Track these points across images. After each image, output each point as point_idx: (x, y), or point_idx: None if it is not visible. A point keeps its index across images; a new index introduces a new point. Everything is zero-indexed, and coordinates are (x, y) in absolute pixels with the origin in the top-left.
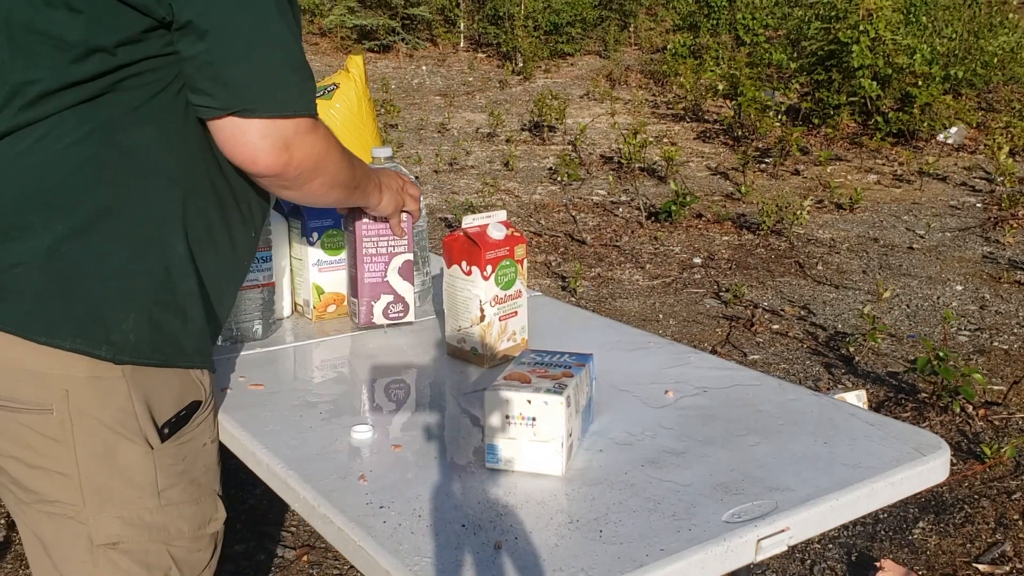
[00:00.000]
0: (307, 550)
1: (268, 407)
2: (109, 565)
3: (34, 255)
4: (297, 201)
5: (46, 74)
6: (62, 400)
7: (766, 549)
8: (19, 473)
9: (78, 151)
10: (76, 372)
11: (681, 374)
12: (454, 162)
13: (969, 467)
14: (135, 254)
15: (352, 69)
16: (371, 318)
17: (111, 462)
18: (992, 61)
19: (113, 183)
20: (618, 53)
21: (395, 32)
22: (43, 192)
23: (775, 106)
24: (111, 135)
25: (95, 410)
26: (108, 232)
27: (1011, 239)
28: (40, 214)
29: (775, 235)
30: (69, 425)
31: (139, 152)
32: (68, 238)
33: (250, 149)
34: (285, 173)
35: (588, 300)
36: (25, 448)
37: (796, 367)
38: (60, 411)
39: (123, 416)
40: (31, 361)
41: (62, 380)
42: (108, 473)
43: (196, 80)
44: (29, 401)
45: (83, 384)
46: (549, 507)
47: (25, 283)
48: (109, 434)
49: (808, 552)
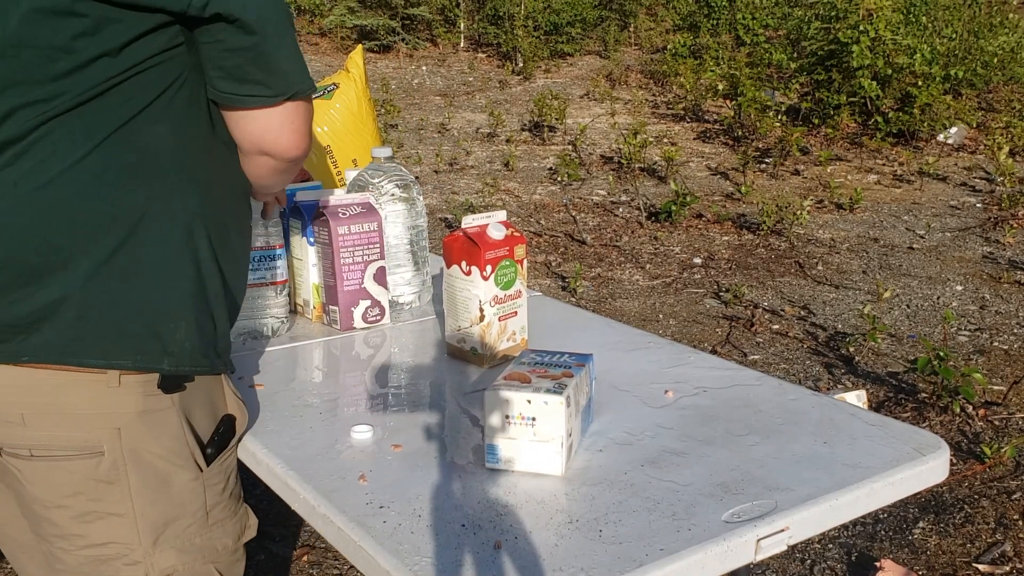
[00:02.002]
0: (307, 550)
1: (268, 407)
2: None
3: (74, 281)
4: (271, 188)
5: (46, 89)
6: (114, 439)
7: (766, 549)
8: (66, 522)
9: (94, 163)
10: (127, 408)
11: (681, 374)
12: (454, 162)
13: (969, 467)
14: (173, 259)
15: (352, 69)
16: (351, 323)
17: (166, 495)
18: (992, 61)
19: (140, 187)
20: (618, 53)
21: (395, 32)
22: (73, 212)
23: (775, 106)
24: (126, 138)
25: (148, 445)
26: (146, 239)
27: (1011, 239)
28: (76, 237)
29: (775, 235)
30: (123, 464)
31: (157, 153)
32: (110, 255)
33: (297, 134)
34: (305, 155)
35: (588, 300)
36: (73, 496)
37: (796, 367)
38: (112, 451)
39: (176, 446)
40: (76, 403)
41: (112, 419)
42: (163, 506)
43: (247, 71)
44: (75, 446)
45: (134, 420)
46: (549, 507)
47: (66, 309)
48: (163, 466)
49: (808, 552)
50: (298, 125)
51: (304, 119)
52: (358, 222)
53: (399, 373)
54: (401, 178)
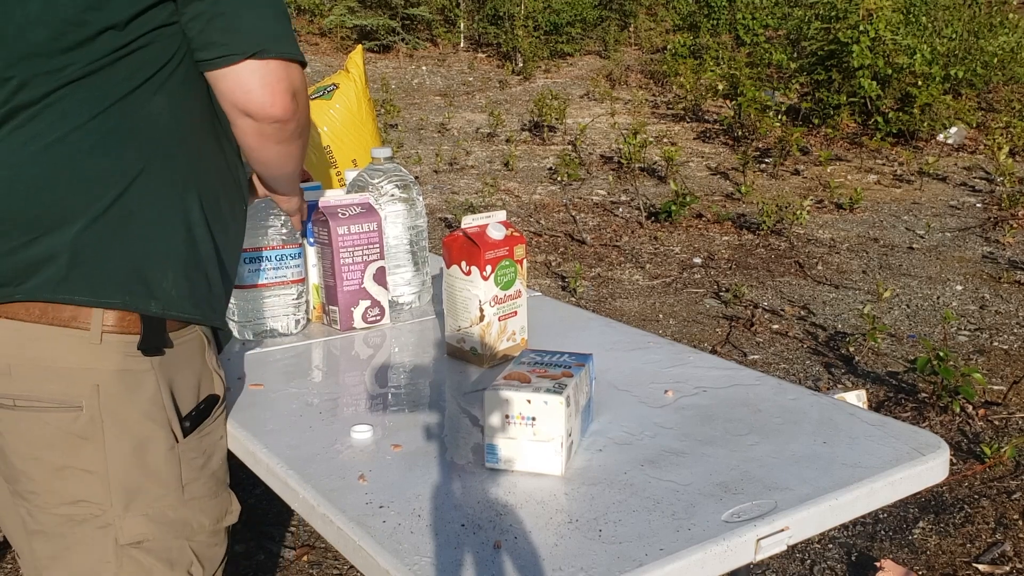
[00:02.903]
0: (307, 550)
1: (268, 407)
2: (133, 564)
3: (71, 231)
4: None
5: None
6: (92, 396)
7: (765, 549)
8: (40, 475)
9: (100, 125)
10: (106, 365)
11: (681, 374)
12: (454, 162)
13: (969, 467)
14: (164, 215)
15: (352, 69)
16: (351, 323)
17: (140, 459)
18: (992, 61)
19: (139, 149)
20: (618, 53)
21: (395, 32)
22: (75, 166)
23: (775, 106)
24: (128, 106)
25: (125, 405)
26: (139, 195)
27: (1011, 239)
28: (76, 189)
29: (775, 235)
30: (100, 422)
31: (156, 121)
32: (106, 208)
33: (269, 91)
34: (292, 120)
35: (588, 300)
36: (49, 448)
37: (796, 367)
38: (90, 407)
39: (152, 409)
40: (59, 356)
41: (92, 375)
42: (137, 470)
43: (208, 34)
44: (56, 399)
45: (113, 378)
46: (549, 507)
47: (60, 255)
48: (139, 429)
49: (808, 552)
50: (270, 82)
51: (279, 78)
52: (358, 222)
53: (399, 373)
54: (401, 178)
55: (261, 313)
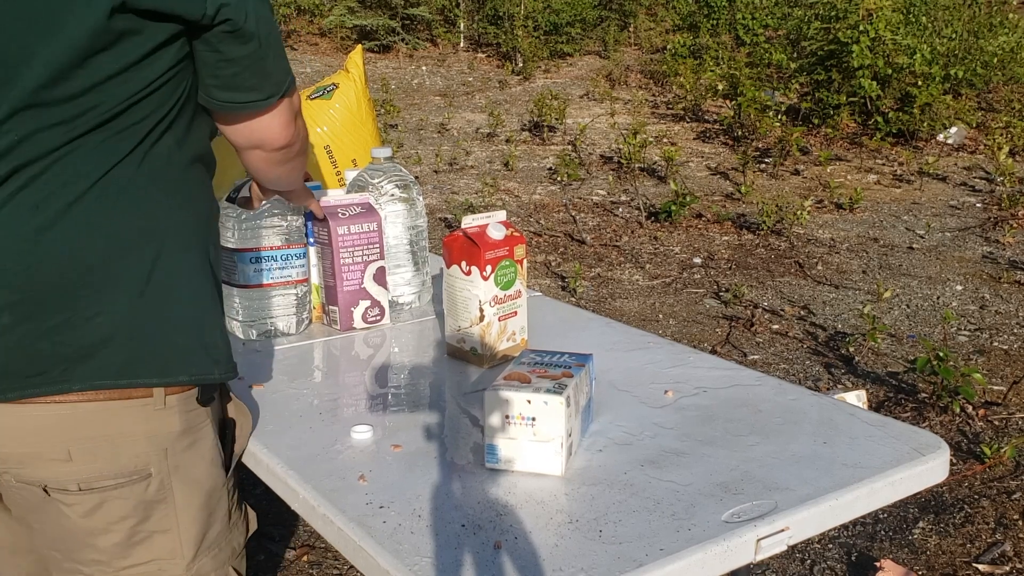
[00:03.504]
0: (307, 550)
1: (268, 407)
2: None
3: (120, 301)
4: (278, 183)
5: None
6: (161, 461)
7: (766, 549)
8: (111, 547)
9: (121, 175)
10: (172, 428)
11: (681, 374)
12: (454, 162)
13: (969, 467)
14: (200, 268)
15: (352, 69)
16: (351, 323)
17: (205, 505)
18: (992, 61)
19: (163, 199)
20: (618, 53)
21: (395, 32)
22: (106, 227)
23: (775, 106)
24: (146, 153)
25: (193, 460)
26: (176, 250)
27: (1011, 239)
28: (111, 253)
29: (775, 235)
30: (168, 483)
31: (169, 164)
32: (149, 271)
33: (287, 125)
34: (296, 142)
35: (588, 300)
36: (121, 521)
37: (796, 367)
38: (159, 472)
39: (214, 457)
40: (123, 431)
41: (158, 440)
42: (203, 517)
43: (243, 79)
44: (126, 473)
45: (179, 438)
46: (549, 507)
47: (118, 332)
48: (206, 480)
49: (808, 552)
50: (286, 118)
51: (290, 111)
52: (358, 222)
53: (399, 373)
54: (401, 178)
55: (265, 313)
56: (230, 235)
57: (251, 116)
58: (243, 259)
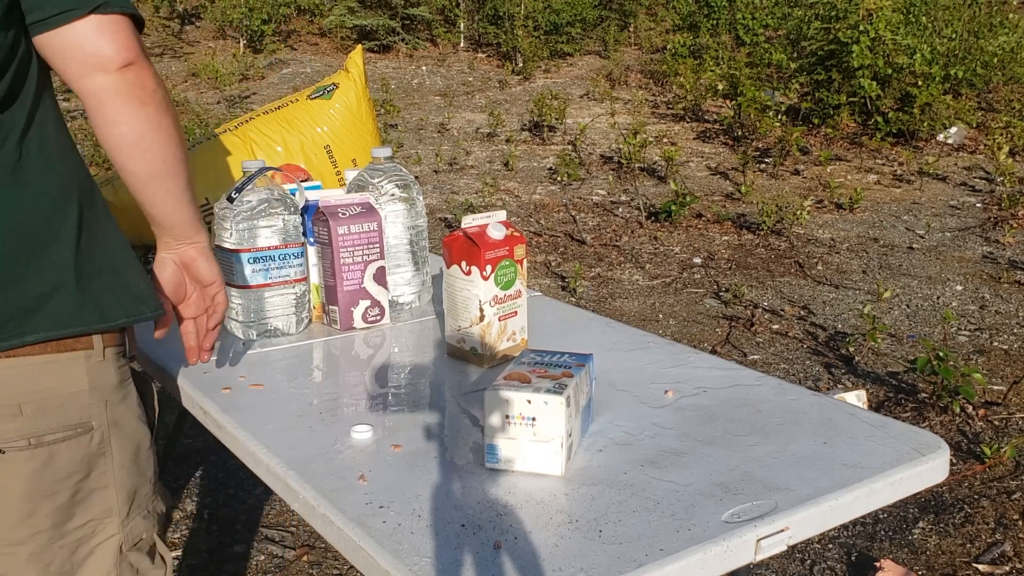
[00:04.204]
0: (307, 550)
1: (268, 407)
2: (128, 569)
3: (69, 255)
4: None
5: None
6: (101, 414)
7: (766, 549)
8: (53, 511)
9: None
10: (111, 380)
11: (681, 374)
12: (454, 162)
13: (969, 467)
14: (106, 215)
15: (352, 69)
16: (351, 323)
17: (136, 462)
18: (992, 61)
19: (68, 152)
20: (618, 53)
21: (395, 32)
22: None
23: (775, 106)
24: (42, 111)
25: (127, 414)
26: (92, 199)
27: (1011, 239)
28: (56, 212)
29: (775, 235)
30: (108, 436)
31: (58, 121)
32: (80, 222)
33: (115, 41)
34: (147, 68)
35: (588, 300)
36: (68, 478)
37: (796, 367)
38: (100, 424)
39: (140, 412)
40: (71, 382)
41: (100, 392)
42: (135, 474)
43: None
44: (72, 425)
45: (116, 390)
46: (549, 507)
47: (64, 280)
48: (135, 434)
49: (808, 552)
50: (115, 31)
51: (122, 28)
52: (358, 222)
53: (399, 373)
54: (401, 178)
55: (264, 313)
56: (227, 235)
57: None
58: (240, 259)
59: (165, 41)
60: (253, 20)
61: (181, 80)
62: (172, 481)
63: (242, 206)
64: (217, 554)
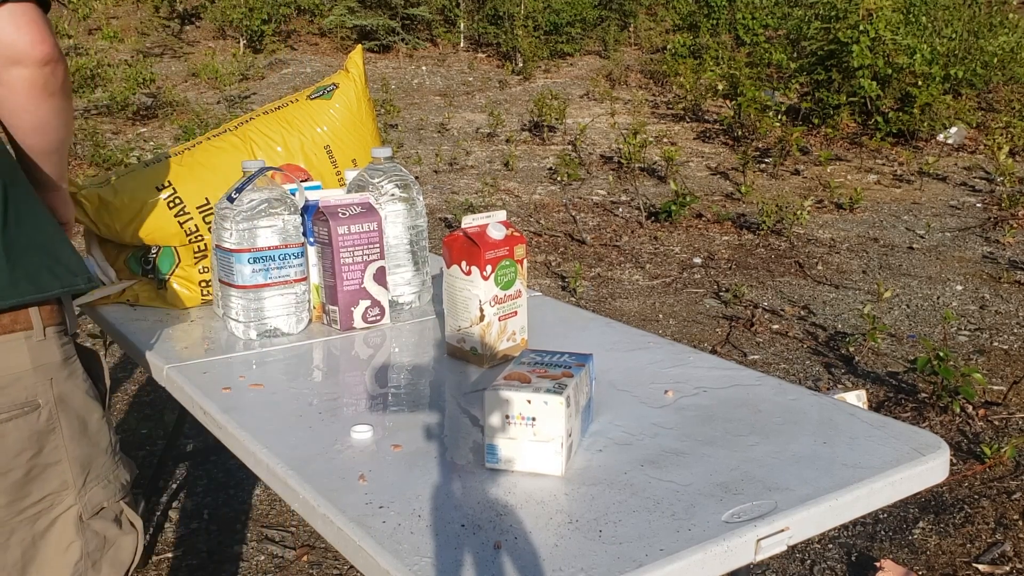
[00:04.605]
0: (307, 550)
1: (268, 407)
2: (93, 536)
3: None
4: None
5: None
6: (47, 391)
7: (766, 549)
8: (9, 487)
9: None
10: (54, 358)
11: (681, 374)
12: (454, 162)
13: (969, 467)
14: (30, 194)
15: (352, 69)
16: (351, 323)
17: (86, 434)
18: (992, 61)
19: None
20: (618, 53)
21: (395, 32)
22: None
23: (775, 106)
24: None
25: (73, 390)
26: (16, 175)
27: (1011, 239)
28: None
29: (775, 235)
30: (56, 413)
31: None
32: (5, 198)
33: (35, 28)
34: (60, 62)
35: (588, 300)
36: (20, 455)
37: (796, 367)
38: (47, 402)
39: (87, 386)
40: (13, 363)
41: (44, 371)
42: (86, 446)
43: None
44: (19, 404)
45: (61, 368)
46: (549, 507)
47: None
48: (81, 408)
49: (808, 552)
50: (28, 21)
51: (34, 18)
52: (358, 222)
53: (399, 373)
54: (401, 178)
55: (264, 313)
56: (227, 235)
57: None
58: (240, 260)
59: (165, 41)
60: (253, 20)
61: (181, 80)
62: (172, 481)
63: (242, 206)
64: (217, 554)
